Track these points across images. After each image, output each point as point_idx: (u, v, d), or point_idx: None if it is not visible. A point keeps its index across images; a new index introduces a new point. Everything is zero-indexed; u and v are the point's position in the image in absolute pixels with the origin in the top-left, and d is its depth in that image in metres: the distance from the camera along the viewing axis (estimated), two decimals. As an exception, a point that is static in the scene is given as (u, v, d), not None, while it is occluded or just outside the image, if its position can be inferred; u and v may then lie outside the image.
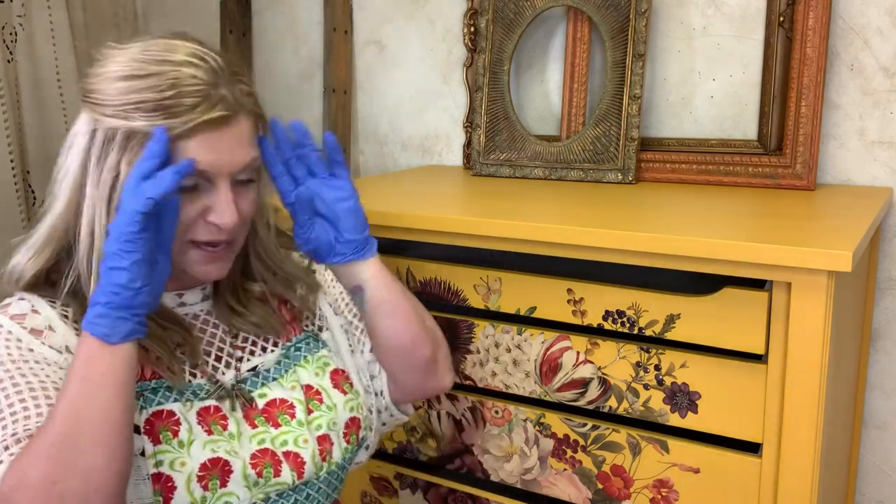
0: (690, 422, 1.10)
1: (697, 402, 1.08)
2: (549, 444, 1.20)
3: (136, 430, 0.88)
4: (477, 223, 1.17)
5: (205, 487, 0.89)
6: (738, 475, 1.07)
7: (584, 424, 1.17)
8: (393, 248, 1.34)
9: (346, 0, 1.89)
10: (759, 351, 1.03)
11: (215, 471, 0.90)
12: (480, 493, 1.29)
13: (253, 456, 0.93)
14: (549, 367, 1.19)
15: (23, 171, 1.76)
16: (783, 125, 1.44)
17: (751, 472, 1.06)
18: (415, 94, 1.86)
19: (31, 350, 0.89)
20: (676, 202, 1.34)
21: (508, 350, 1.22)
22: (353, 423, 1.02)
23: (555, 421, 1.19)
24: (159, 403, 0.91)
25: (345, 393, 1.03)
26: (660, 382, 1.11)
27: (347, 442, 1.01)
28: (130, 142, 0.86)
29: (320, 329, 1.09)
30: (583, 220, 1.18)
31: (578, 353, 1.16)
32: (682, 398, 1.09)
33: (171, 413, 0.91)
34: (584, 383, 1.16)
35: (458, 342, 1.26)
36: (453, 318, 1.26)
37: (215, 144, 0.87)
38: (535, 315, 1.19)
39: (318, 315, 1.10)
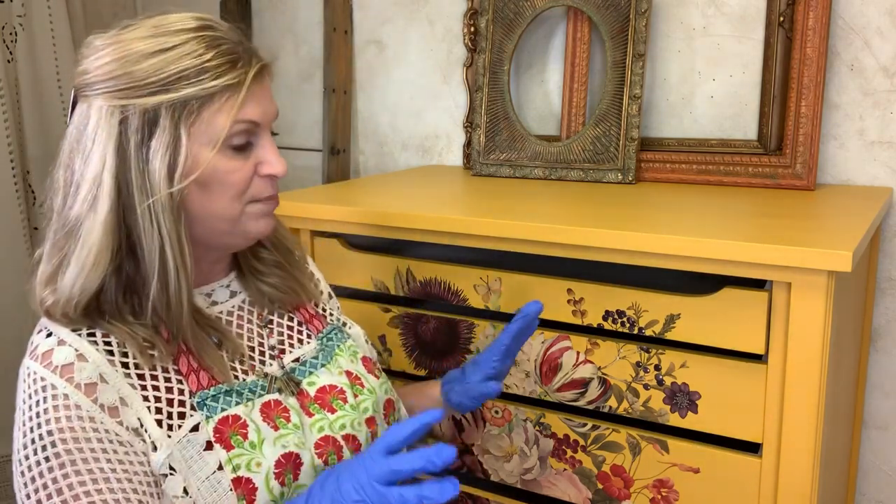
0: (690, 422, 1.10)
1: (697, 402, 1.08)
2: (549, 444, 1.20)
3: (209, 445, 0.87)
4: (477, 223, 1.17)
5: (282, 483, 0.89)
6: (738, 475, 1.07)
7: (584, 424, 1.17)
8: (393, 248, 1.34)
9: (346, 0, 1.89)
10: (759, 351, 1.03)
11: (289, 465, 0.91)
12: (480, 493, 1.29)
13: (316, 445, 0.95)
14: (549, 367, 1.19)
15: (23, 171, 1.76)
16: (783, 125, 1.44)
17: (751, 472, 1.06)
18: (415, 94, 1.86)
19: (93, 419, 0.84)
20: (676, 202, 1.34)
21: (508, 350, 1.22)
22: (389, 405, 1.06)
23: (555, 421, 1.19)
24: (223, 410, 0.91)
25: (377, 377, 1.07)
26: (660, 382, 1.11)
27: (387, 423, 1.05)
28: (182, 111, 0.85)
29: (343, 323, 1.13)
30: (583, 220, 1.18)
31: (578, 353, 1.16)
32: (682, 398, 1.09)
33: (237, 417, 0.91)
34: (584, 383, 1.16)
35: (458, 342, 1.26)
36: (453, 318, 1.26)
37: (261, 95, 0.90)
38: (535, 315, 1.19)
39: (335, 313, 1.13)
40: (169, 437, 0.86)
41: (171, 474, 0.85)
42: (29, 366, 0.87)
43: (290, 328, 1.04)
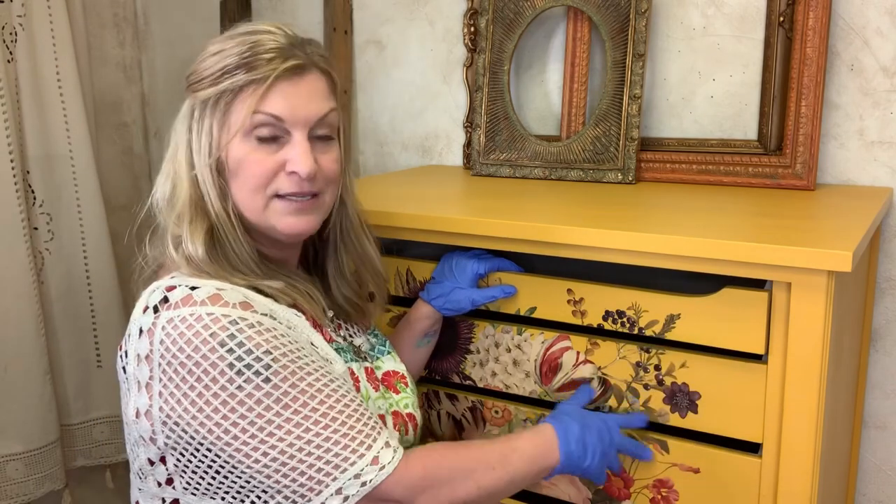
0: (690, 422, 1.09)
1: (697, 402, 1.08)
2: (549, 444, 1.20)
3: None
4: (477, 223, 1.17)
5: None
6: (738, 475, 1.07)
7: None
8: (393, 248, 1.34)
9: (346, 0, 1.89)
10: (759, 351, 1.03)
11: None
12: (480, 493, 1.29)
13: (391, 413, 1.04)
14: (549, 367, 1.19)
15: (23, 171, 1.76)
16: (783, 125, 1.44)
17: (751, 472, 1.06)
18: (415, 94, 1.86)
19: (287, 336, 0.93)
20: (676, 202, 1.34)
21: (508, 350, 1.22)
22: (419, 399, 1.16)
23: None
24: (345, 362, 1.02)
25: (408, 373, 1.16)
26: (660, 382, 1.11)
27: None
28: (218, 104, 0.96)
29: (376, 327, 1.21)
30: (583, 220, 1.18)
31: (578, 353, 1.16)
32: (682, 398, 1.09)
33: (353, 371, 1.02)
34: (584, 383, 1.16)
35: (458, 342, 1.26)
36: (453, 318, 1.26)
37: (292, 93, 0.96)
38: (535, 315, 1.19)
39: None
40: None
41: None
42: (195, 311, 0.89)
43: (343, 321, 1.12)
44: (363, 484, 0.87)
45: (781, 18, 1.43)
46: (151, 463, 0.95)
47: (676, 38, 1.56)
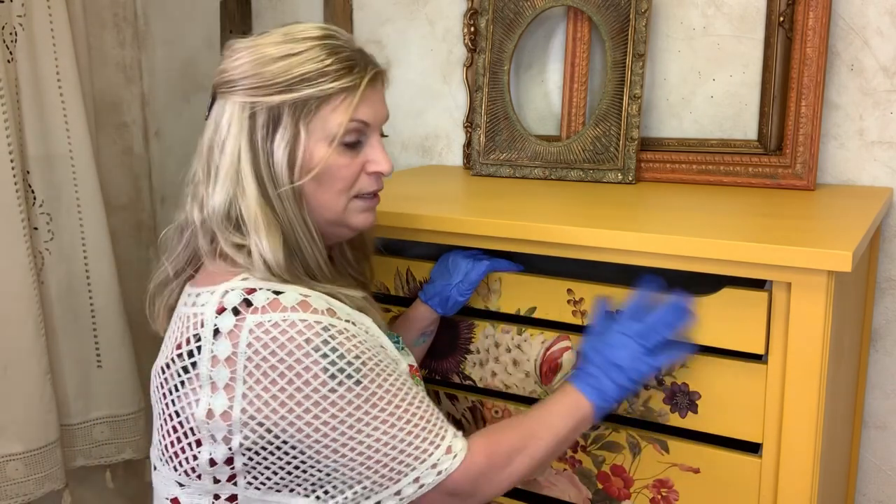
0: (690, 422, 1.09)
1: (697, 402, 1.08)
2: (549, 444, 1.20)
3: None
4: (477, 223, 1.17)
5: None
6: (738, 475, 1.07)
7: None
8: (393, 248, 1.34)
9: (346, 0, 1.89)
10: (759, 351, 1.03)
11: None
12: (480, 493, 1.29)
13: None
14: (549, 368, 1.19)
15: (23, 171, 1.76)
16: (783, 125, 1.44)
17: (751, 472, 1.06)
18: (415, 94, 1.86)
19: (367, 342, 0.96)
20: (676, 202, 1.34)
21: (508, 350, 1.22)
22: None
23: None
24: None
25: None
26: (660, 382, 1.11)
27: None
28: (302, 110, 0.96)
29: None
30: (583, 220, 1.18)
31: (578, 353, 1.16)
32: (682, 398, 1.09)
33: (411, 366, 1.08)
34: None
35: (458, 342, 1.26)
36: (453, 318, 1.26)
37: (374, 100, 1.00)
38: (535, 315, 1.19)
39: None
40: None
41: None
42: (287, 317, 0.91)
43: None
44: (439, 473, 0.93)
45: (781, 18, 1.43)
46: (213, 463, 0.94)
47: (676, 38, 1.56)
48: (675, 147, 1.54)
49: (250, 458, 0.93)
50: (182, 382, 0.95)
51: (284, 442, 0.92)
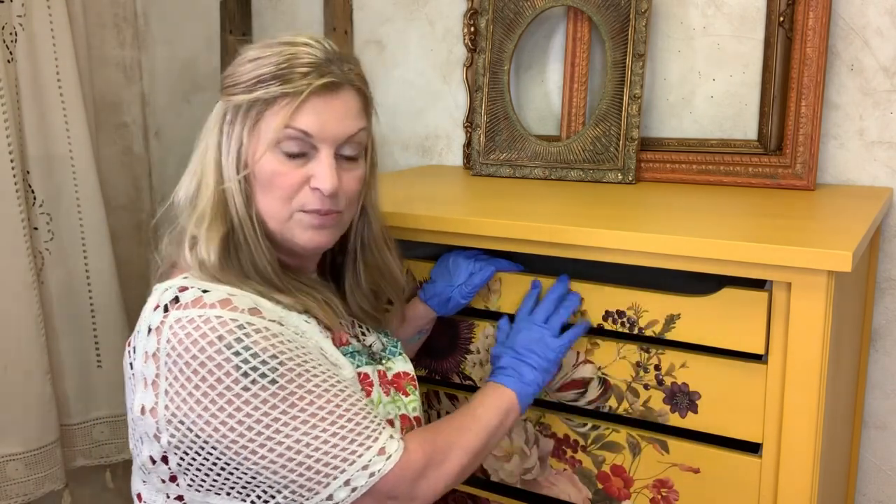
0: (690, 422, 1.09)
1: (697, 402, 1.08)
2: (548, 444, 1.20)
3: None
4: (477, 223, 1.17)
5: None
6: (738, 475, 1.07)
7: (584, 424, 1.17)
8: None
9: (346, 0, 1.89)
10: (759, 351, 1.03)
11: None
12: (480, 493, 1.29)
13: (400, 417, 1.05)
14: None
15: (23, 171, 1.76)
16: (783, 125, 1.44)
17: (751, 472, 1.06)
18: (415, 94, 1.86)
19: (294, 342, 0.94)
20: (676, 202, 1.34)
21: (508, 350, 1.21)
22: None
23: (555, 421, 1.19)
24: (358, 366, 1.03)
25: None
26: (660, 382, 1.10)
27: None
28: (250, 112, 0.96)
29: None
30: (583, 220, 1.18)
31: (578, 353, 1.16)
32: (682, 398, 1.09)
33: (367, 375, 1.03)
34: (584, 383, 1.16)
35: (458, 342, 1.26)
36: (453, 318, 1.26)
37: (323, 110, 0.97)
38: (535, 315, 1.19)
39: None
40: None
41: None
42: (204, 313, 0.90)
43: (355, 320, 1.14)
44: (371, 474, 0.90)
45: (781, 18, 1.43)
46: (153, 461, 0.95)
47: (676, 38, 1.56)
48: (675, 147, 1.54)
49: (181, 458, 0.92)
50: (129, 379, 0.98)
51: (206, 442, 0.90)
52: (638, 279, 1.12)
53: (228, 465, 0.91)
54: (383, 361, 1.10)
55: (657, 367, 1.10)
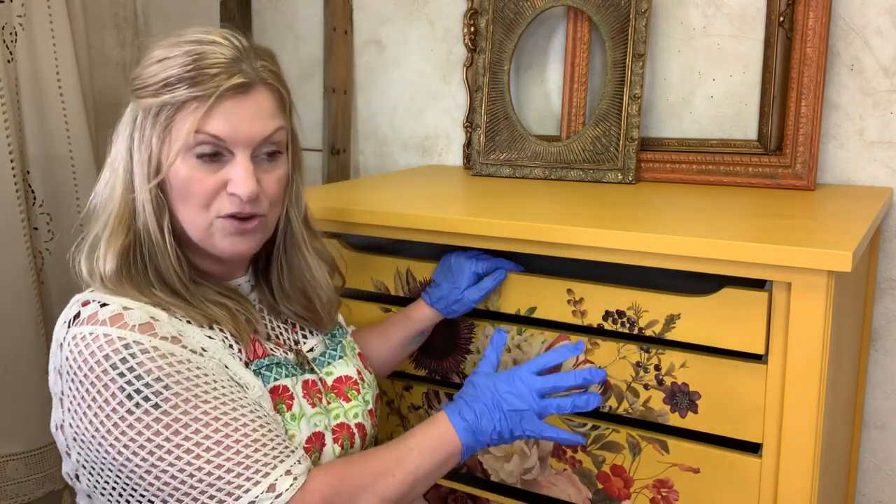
0: (690, 422, 1.09)
1: (697, 402, 1.08)
2: (548, 444, 1.20)
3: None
4: (477, 223, 1.17)
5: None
6: (738, 475, 1.07)
7: (584, 424, 1.17)
8: (393, 248, 1.34)
9: (346, 0, 1.89)
10: (759, 351, 1.03)
11: (316, 444, 0.97)
12: (480, 493, 1.29)
13: (333, 430, 1.01)
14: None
15: (23, 171, 1.76)
16: (783, 125, 1.44)
17: (751, 472, 1.06)
18: (415, 94, 1.86)
19: (190, 361, 0.88)
20: (676, 202, 1.34)
21: (508, 350, 1.22)
22: (378, 398, 1.13)
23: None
24: (275, 379, 0.97)
25: (370, 372, 1.14)
26: (660, 382, 1.10)
27: (377, 415, 1.12)
28: (159, 117, 0.92)
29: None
30: (583, 220, 1.18)
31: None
32: (682, 398, 1.09)
33: (286, 388, 0.97)
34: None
35: (458, 342, 1.26)
36: (453, 318, 1.26)
37: (234, 112, 0.92)
38: (535, 315, 1.19)
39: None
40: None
41: None
42: (94, 331, 0.87)
43: (296, 323, 1.09)
44: None
45: (781, 18, 1.43)
46: (71, 478, 0.94)
47: (676, 38, 1.56)
48: (675, 147, 1.54)
49: (89, 477, 0.90)
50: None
51: (103, 462, 0.87)
52: (638, 279, 1.12)
53: (125, 489, 0.88)
54: (320, 367, 1.06)
55: (657, 367, 1.10)
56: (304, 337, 1.08)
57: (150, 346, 0.87)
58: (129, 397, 0.84)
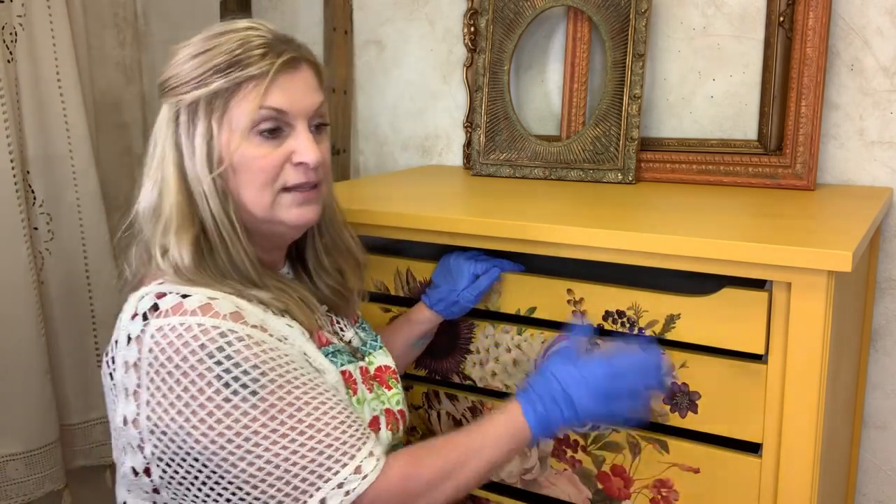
0: (690, 422, 1.09)
1: (697, 402, 1.08)
2: (548, 443, 1.20)
3: None
4: (477, 223, 1.17)
5: None
6: (738, 475, 1.07)
7: (585, 424, 1.17)
8: (393, 248, 1.34)
9: (346, 0, 1.89)
10: (759, 351, 1.03)
11: (375, 428, 1.01)
12: (480, 493, 1.29)
13: (384, 412, 1.06)
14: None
15: (23, 171, 1.76)
16: (783, 125, 1.44)
17: (751, 472, 1.06)
18: (415, 94, 1.86)
19: (279, 349, 0.92)
20: (676, 202, 1.34)
21: (508, 350, 1.22)
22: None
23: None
24: (341, 365, 1.02)
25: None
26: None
27: None
28: (213, 104, 0.94)
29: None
30: (583, 220, 1.18)
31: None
32: (682, 398, 1.09)
33: (350, 374, 1.03)
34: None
35: (458, 342, 1.26)
36: (454, 318, 1.26)
37: (290, 86, 0.96)
38: (535, 315, 1.19)
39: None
40: None
41: None
42: (184, 321, 0.89)
43: (332, 316, 1.12)
44: (346, 493, 0.87)
45: (781, 18, 1.43)
46: (136, 473, 0.93)
47: (676, 38, 1.56)
48: (675, 147, 1.54)
49: (164, 470, 0.91)
50: (109, 389, 0.96)
51: (187, 453, 0.88)
52: (638, 279, 1.12)
53: (210, 478, 0.89)
54: (365, 357, 1.10)
55: (657, 367, 1.10)
56: (342, 329, 1.11)
57: (245, 334, 0.89)
58: (227, 385, 0.86)
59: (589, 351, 1.06)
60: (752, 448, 1.07)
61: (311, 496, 0.87)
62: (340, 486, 0.87)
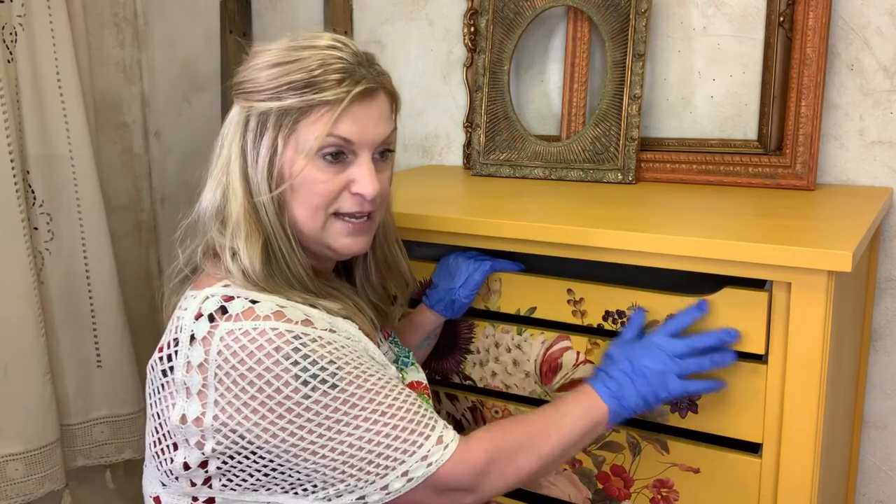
0: (690, 422, 1.10)
1: (697, 402, 1.08)
2: (549, 444, 1.20)
3: None
4: (477, 223, 1.17)
5: None
6: (738, 475, 1.07)
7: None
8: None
9: (346, 0, 1.89)
10: (759, 351, 1.03)
11: None
12: (480, 493, 1.29)
13: None
14: (549, 368, 1.19)
15: (23, 171, 1.76)
16: (783, 125, 1.44)
17: (751, 472, 1.06)
18: (415, 94, 1.86)
19: (349, 346, 0.94)
20: (676, 202, 1.34)
21: (508, 350, 1.22)
22: None
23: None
24: (406, 375, 1.09)
25: None
26: (660, 382, 1.10)
27: None
28: (283, 119, 0.94)
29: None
30: (583, 220, 1.18)
31: (578, 353, 1.16)
32: (682, 398, 1.09)
33: (420, 382, 1.09)
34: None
35: (458, 342, 1.26)
36: (455, 318, 1.26)
37: (361, 116, 0.96)
38: (535, 315, 1.19)
39: None
40: None
41: None
42: (258, 325, 0.90)
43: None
44: (429, 465, 0.91)
45: (781, 18, 1.43)
46: (187, 467, 0.94)
47: (676, 38, 1.56)
48: (675, 147, 1.54)
49: (224, 462, 0.93)
50: (162, 385, 0.96)
51: (259, 448, 0.91)
52: (638, 279, 1.12)
53: (281, 467, 0.92)
54: (399, 372, 1.11)
55: (657, 367, 1.10)
56: (378, 342, 1.11)
57: (317, 336, 0.92)
58: (305, 383, 0.89)
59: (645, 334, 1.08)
60: (752, 448, 1.07)
61: (393, 469, 0.91)
62: (424, 458, 0.91)
